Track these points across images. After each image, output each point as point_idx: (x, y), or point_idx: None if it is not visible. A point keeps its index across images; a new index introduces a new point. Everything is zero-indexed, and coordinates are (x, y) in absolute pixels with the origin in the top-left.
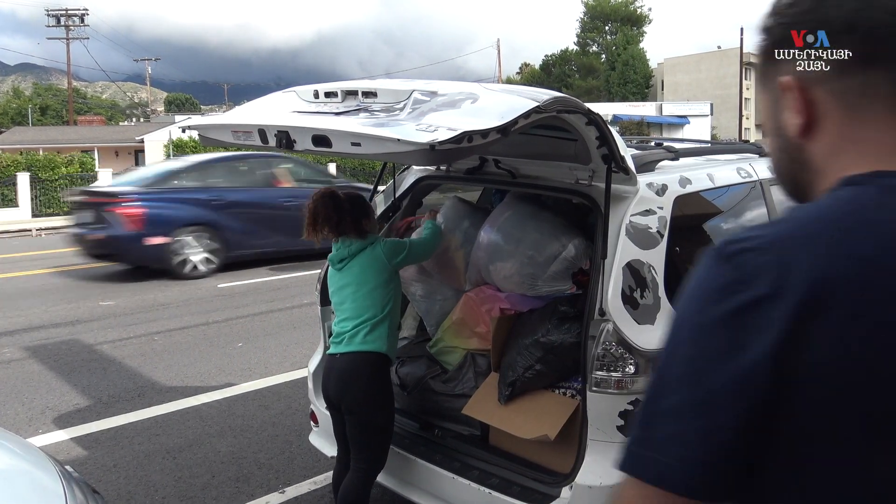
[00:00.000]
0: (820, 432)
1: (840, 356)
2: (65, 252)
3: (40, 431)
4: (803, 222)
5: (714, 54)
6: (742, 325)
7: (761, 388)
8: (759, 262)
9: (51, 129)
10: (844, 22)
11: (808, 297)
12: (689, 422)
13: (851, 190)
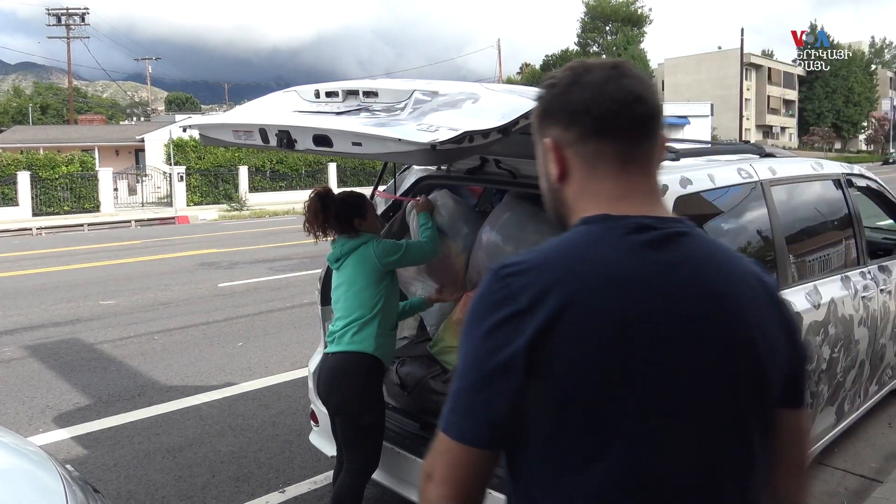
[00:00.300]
0: (560, 410)
1: (573, 355)
2: (65, 251)
3: (40, 430)
4: (551, 252)
5: (714, 55)
6: (507, 330)
7: (519, 374)
8: (520, 283)
9: (51, 129)
10: (583, 106)
11: (551, 311)
12: (476, 396)
13: (585, 228)
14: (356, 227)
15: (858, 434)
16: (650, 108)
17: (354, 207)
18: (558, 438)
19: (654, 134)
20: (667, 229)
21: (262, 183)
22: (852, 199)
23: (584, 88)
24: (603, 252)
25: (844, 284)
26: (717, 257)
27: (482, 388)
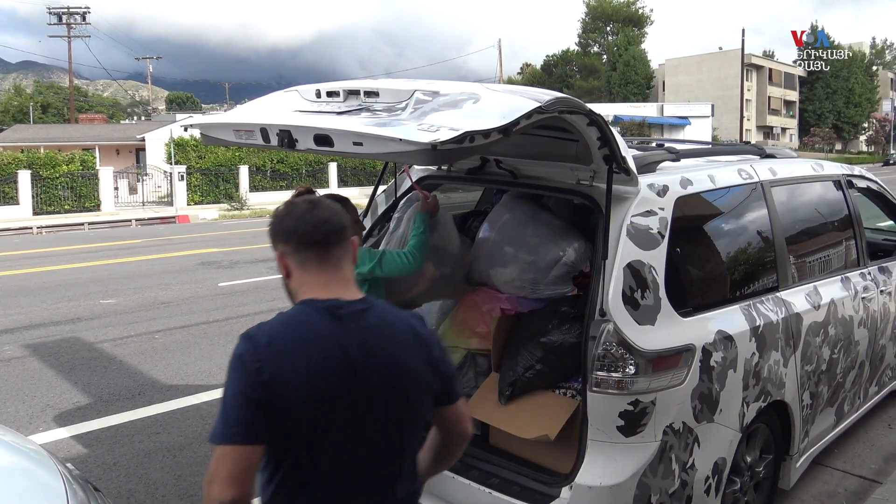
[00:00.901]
0: (277, 430)
1: (281, 394)
2: (65, 250)
3: (41, 429)
4: (275, 325)
5: (715, 55)
6: (241, 376)
7: (251, 403)
8: (254, 345)
9: (52, 128)
10: (290, 230)
11: (264, 366)
12: (229, 414)
13: (297, 308)
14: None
15: (858, 435)
16: (334, 227)
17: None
18: (275, 450)
19: (340, 243)
20: (351, 308)
21: (263, 182)
22: (852, 200)
23: (291, 217)
24: (303, 321)
25: (844, 285)
26: (386, 325)
27: (228, 408)
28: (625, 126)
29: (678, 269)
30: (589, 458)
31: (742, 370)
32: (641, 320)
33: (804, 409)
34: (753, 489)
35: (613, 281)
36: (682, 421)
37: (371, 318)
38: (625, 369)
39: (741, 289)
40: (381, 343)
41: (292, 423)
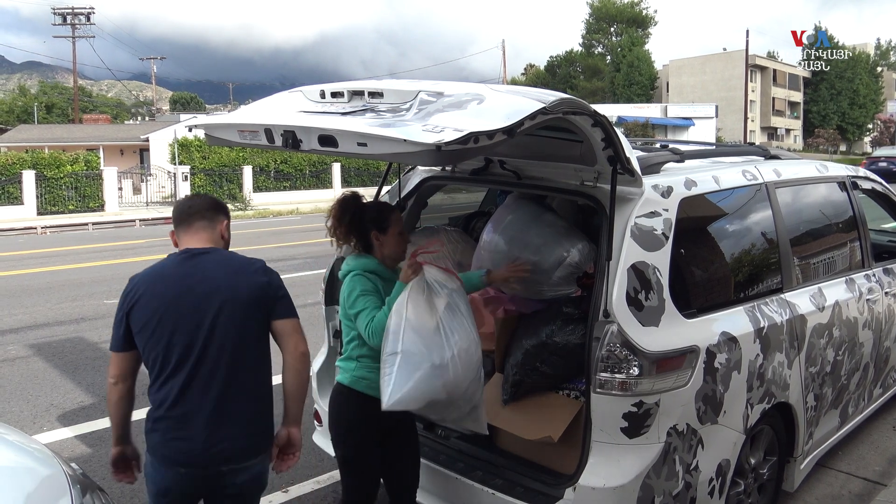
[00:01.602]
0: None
1: (136, 308)
2: (69, 250)
3: (45, 429)
4: (146, 269)
5: (719, 56)
6: (119, 302)
7: (123, 319)
8: (130, 281)
9: (56, 128)
10: (173, 215)
11: (130, 292)
12: (113, 332)
13: (164, 258)
14: (371, 242)
15: (862, 437)
16: (195, 209)
17: (373, 219)
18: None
19: (200, 219)
20: (195, 252)
21: (267, 183)
22: (857, 201)
23: (175, 207)
24: (162, 263)
25: (849, 287)
26: (223, 261)
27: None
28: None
29: (682, 270)
30: (592, 459)
31: (746, 372)
32: (645, 321)
33: (808, 410)
34: (757, 491)
35: (617, 282)
36: (686, 422)
37: (211, 257)
38: (628, 371)
39: (745, 290)
40: (216, 270)
41: (140, 329)
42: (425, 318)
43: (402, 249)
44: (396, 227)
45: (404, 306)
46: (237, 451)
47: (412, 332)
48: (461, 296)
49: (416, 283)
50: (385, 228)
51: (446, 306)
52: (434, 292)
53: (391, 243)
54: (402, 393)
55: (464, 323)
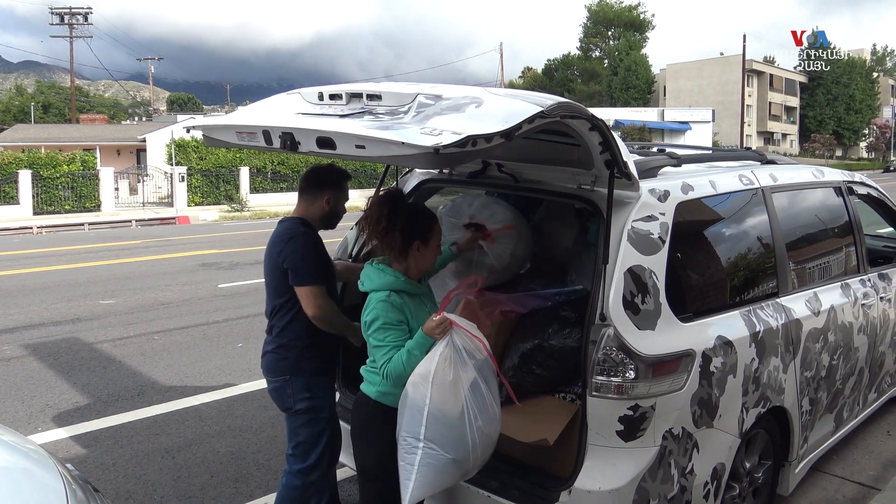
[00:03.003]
0: None
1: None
2: (65, 250)
3: (40, 429)
4: None
5: (716, 61)
6: None
7: None
8: None
9: (53, 127)
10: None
11: None
12: None
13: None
14: (410, 252)
15: (857, 441)
16: (301, 182)
17: (422, 228)
18: None
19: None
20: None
21: (263, 184)
22: (853, 206)
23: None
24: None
25: (844, 292)
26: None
27: None
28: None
29: (679, 274)
30: (588, 462)
31: (742, 376)
32: (642, 325)
33: (803, 415)
34: (752, 495)
35: (614, 286)
36: (682, 426)
37: (279, 226)
38: (625, 374)
39: (741, 294)
40: (273, 236)
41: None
42: (450, 402)
43: (433, 263)
44: (437, 240)
45: (429, 380)
46: (266, 367)
47: (436, 419)
48: (488, 369)
49: (443, 351)
50: (428, 240)
51: (472, 384)
52: (460, 362)
53: (429, 257)
54: (422, 491)
55: (487, 403)
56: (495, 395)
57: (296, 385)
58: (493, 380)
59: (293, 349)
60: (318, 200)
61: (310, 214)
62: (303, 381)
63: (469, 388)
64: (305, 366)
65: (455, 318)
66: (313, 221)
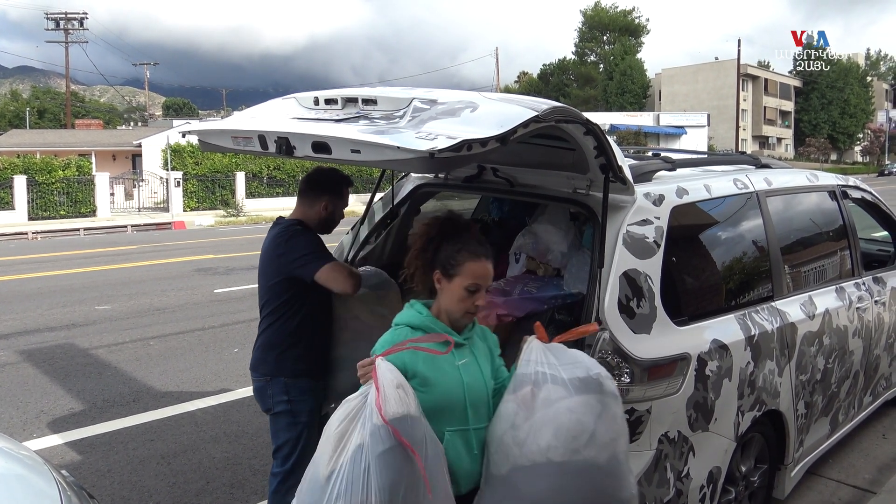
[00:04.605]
0: None
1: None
2: (61, 255)
3: (35, 435)
4: None
5: (711, 65)
6: None
7: None
8: None
9: (48, 133)
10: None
11: None
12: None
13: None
14: (434, 285)
15: (853, 445)
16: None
17: (445, 256)
18: None
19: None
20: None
21: (259, 189)
22: (847, 210)
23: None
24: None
25: (839, 295)
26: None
27: None
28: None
29: (674, 278)
30: None
31: (737, 379)
32: (637, 329)
33: (799, 418)
34: (748, 499)
35: (609, 289)
36: (678, 430)
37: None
38: (620, 378)
39: (736, 298)
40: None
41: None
42: (325, 457)
43: (461, 311)
44: (468, 280)
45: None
46: (251, 366)
47: (312, 464)
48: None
49: (356, 397)
50: (452, 275)
51: (354, 452)
52: (359, 420)
53: (453, 298)
54: None
55: (362, 486)
56: (381, 485)
57: (275, 386)
58: (391, 466)
59: (275, 350)
60: (316, 205)
61: (307, 217)
62: (282, 383)
63: (350, 456)
64: (285, 367)
65: (385, 372)
66: (310, 225)
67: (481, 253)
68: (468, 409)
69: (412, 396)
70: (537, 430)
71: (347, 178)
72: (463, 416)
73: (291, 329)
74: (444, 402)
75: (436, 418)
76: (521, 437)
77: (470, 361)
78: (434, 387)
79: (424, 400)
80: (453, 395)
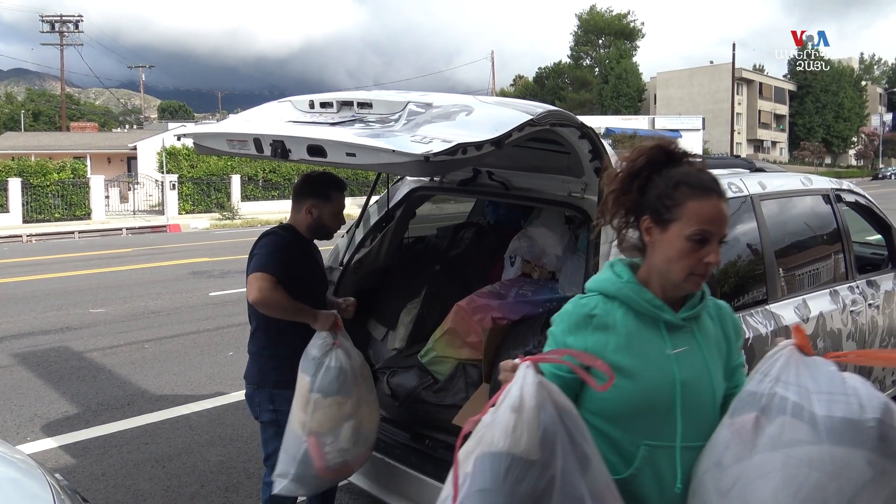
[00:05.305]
0: None
1: None
2: (55, 258)
3: (28, 439)
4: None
5: (706, 69)
6: None
7: None
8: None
9: (43, 135)
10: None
11: None
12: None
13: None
14: (643, 236)
15: None
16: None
17: (661, 196)
18: None
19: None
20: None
21: (255, 192)
22: (841, 214)
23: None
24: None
25: (833, 299)
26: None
27: None
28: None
29: None
30: None
31: None
32: None
33: None
34: None
35: None
36: None
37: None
38: None
39: (730, 301)
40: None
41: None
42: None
43: (684, 271)
44: (692, 222)
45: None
46: (245, 371)
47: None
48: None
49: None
50: (668, 220)
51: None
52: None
53: (670, 252)
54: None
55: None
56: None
57: (261, 395)
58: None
59: (260, 359)
60: (300, 209)
61: (296, 223)
62: (267, 393)
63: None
64: (269, 377)
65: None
66: (301, 230)
67: (710, 187)
68: (679, 417)
69: (549, 424)
70: (749, 482)
71: (335, 182)
72: (670, 427)
73: (273, 337)
74: (643, 402)
75: (628, 425)
76: (724, 484)
77: (692, 350)
78: (633, 379)
79: (615, 397)
80: (658, 394)
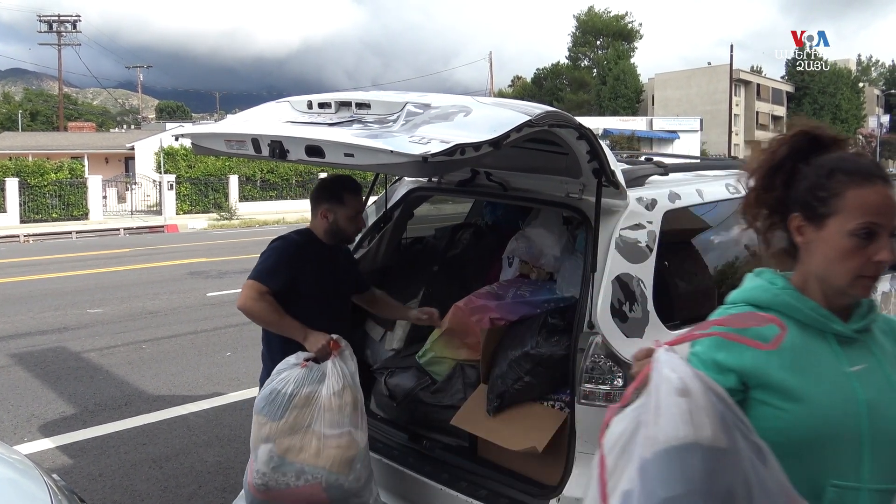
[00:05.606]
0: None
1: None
2: (53, 259)
3: (26, 439)
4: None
5: (704, 70)
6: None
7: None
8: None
9: (41, 135)
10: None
11: None
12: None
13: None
14: (795, 238)
15: None
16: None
17: (813, 187)
18: None
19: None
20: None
21: (253, 192)
22: None
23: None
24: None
25: None
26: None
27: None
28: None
29: (666, 282)
30: (577, 470)
31: None
32: (630, 333)
33: None
34: None
35: (602, 293)
36: None
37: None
38: (613, 382)
39: None
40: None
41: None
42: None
43: (848, 274)
44: (856, 215)
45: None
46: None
47: None
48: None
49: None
50: (823, 215)
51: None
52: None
53: (828, 252)
54: None
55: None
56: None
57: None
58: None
59: (266, 362)
60: (316, 214)
61: (314, 227)
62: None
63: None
64: (262, 375)
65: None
66: (319, 235)
67: (873, 172)
68: (864, 448)
69: (720, 407)
70: None
71: (349, 184)
72: (856, 461)
73: (278, 342)
74: (822, 431)
75: (807, 460)
76: None
77: (872, 368)
78: (805, 403)
79: (786, 426)
80: (841, 420)
